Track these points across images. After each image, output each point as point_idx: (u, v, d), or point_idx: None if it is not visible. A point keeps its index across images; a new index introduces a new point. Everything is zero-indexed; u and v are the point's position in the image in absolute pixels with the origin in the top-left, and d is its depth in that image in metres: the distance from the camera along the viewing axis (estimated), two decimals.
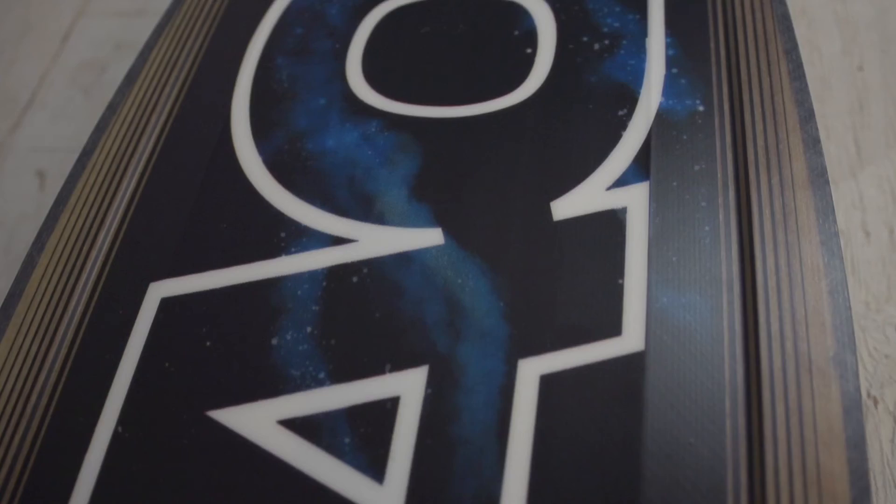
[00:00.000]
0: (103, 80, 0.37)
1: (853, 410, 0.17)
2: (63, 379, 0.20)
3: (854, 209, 0.29)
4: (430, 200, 0.21)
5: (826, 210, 0.20)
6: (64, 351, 0.21)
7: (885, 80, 0.32)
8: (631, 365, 0.18)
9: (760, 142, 0.21)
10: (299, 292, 0.20)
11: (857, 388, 0.17)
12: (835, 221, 0.20)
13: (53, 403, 0.20)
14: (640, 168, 0.21)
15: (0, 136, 0.36)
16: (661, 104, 0.22)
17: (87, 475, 0.19)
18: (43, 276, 0.22)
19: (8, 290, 0.22)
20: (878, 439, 0.24)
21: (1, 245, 0.33)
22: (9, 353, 0.21)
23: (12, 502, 0.19)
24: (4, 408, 0.20)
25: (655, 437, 0.17)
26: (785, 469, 0.17)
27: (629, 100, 0.23)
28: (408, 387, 0.19)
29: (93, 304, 0.21)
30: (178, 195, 0.23)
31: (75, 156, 0.28)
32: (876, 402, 0.25)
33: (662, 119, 0.22)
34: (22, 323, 0.21)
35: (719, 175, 0.21)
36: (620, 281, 0.19)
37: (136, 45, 0.37)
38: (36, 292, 0.22)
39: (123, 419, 0.19)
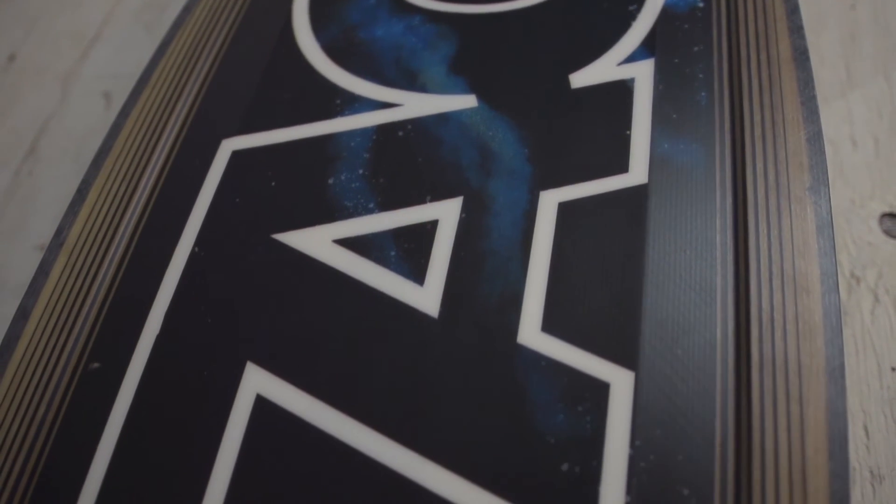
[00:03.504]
0: (164, 18, 0.41)
1: (825, 227, 0.20)
2: (148, 210, 0.23)
3: (843, 123, 0.32)
4: (466, 74, 0.25)
5: (807, 80, 0.23)
6: (144, 198, 0.24)
7: (875, 16, 0.35)
8: (636, 194, 0.21)
9: (752, 27, 0.24)
10: (352, 144, 0.24)
11: (831, 230, 0.20)
12: (813, 88, 0.23)
13: (138, 232, 0.23)
14: (646, 48, 0.25)
15: (69, 65, 0.40)
16: (665, 1, 0.26)
17: (170, 282, 0.22)
18: (121, 149, 0.25)
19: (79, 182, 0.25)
20: (859, 311, 0.27)
21: (70, 154, 0.37)
22: (93, 208, 0.25)
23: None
24: (91, 230, 0.23)
25: (655, 248, 0.20)
26: (766, 281, 0.20)
27: None
28: (445, 212, 0.22)
29: (171, 159, 0.25)
30: (245, 76, 0.26)
31: None
32: (858, 281, 0.28)
33: (667, 12, 0.25)
34: (104, 184, 0.25)
35: (714, 54, 0.24)
36: (628, 132, 0.23)
37: None
38: (114, 164, 0.26)
39: (200, 242, 0.23)
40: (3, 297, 0.32)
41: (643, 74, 0.24)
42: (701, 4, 0.26)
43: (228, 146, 0.24)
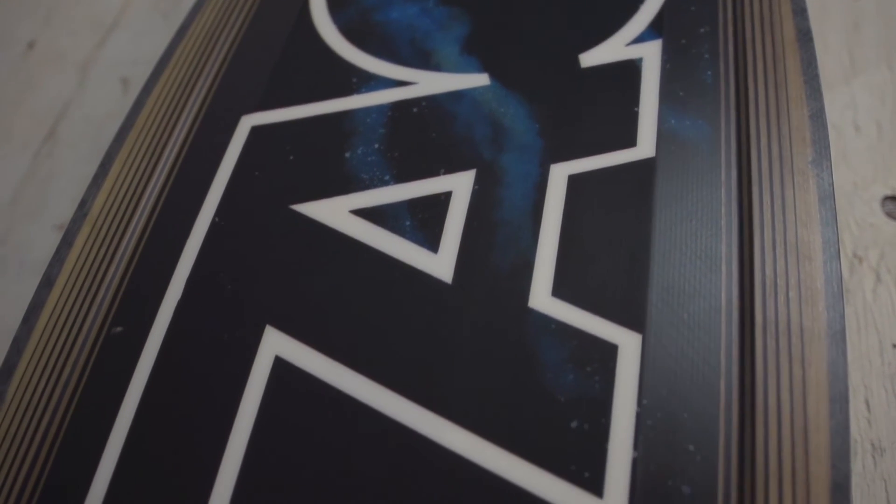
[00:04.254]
0: (181, 6, 0.42)
1: (827, 198, 0.21)
2: (170, 182, 0.24)
3: (847, 109, 0.32)
4: (478, 54, 0.26)
5: (810, 59, 0.24)
6: (166, 171, 0.25)
7: (878, 5, 0.35)
8: (643, 167, 0.22)
9: (756, 9, 0.25)
10: (368, 120, 0.24)
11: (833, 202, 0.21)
12: (816, 67, 0.23)
13: (160, 203, 0.24)
14: (654, 29, 0.25)
15: (87, 51, 0.41)
16: None
17: (191, 250, 0.23)
18: (143, 124, 0.26)
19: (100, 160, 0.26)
20: (861, 289, 0.28)
21: (89, 138, 0.37)
22: (116, 180, 0.25)
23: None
24: (114, 205, 0.24)
25: (662, 218, 0.21)
26: (770, 249, 0.20)
27: None
28: (459, 184, 0.22)
29: (192, 134, 0.25)
30: (263, 57, 0.27)
31: None
32: (861, 261, 0.28)
33: None
34: (127, 158, 0.26)
35: (720, 35, 0.25)
36: (636, 109, 0.23)
37: None
38: (137, 139, 0.26)
39: (220, 212, 0.23)
40: (22, 275, 0.33)
41: (651, 54, 0.24)
42: None
43: (248, 122, 0.25)
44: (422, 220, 0.22)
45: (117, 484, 0.19)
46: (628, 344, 0.19)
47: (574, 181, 0.22)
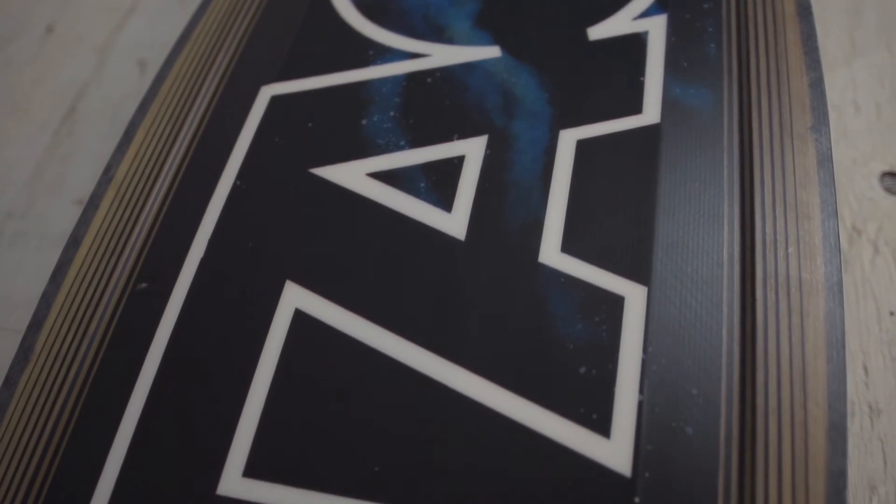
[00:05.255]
0: None
1: (825, 161, 0.22)
2: (193, 147, 0.25)
3: (847, 89, 0.33)
4: (490, 28, 0.27)
5: (810, 32, 0.24)
6: (189, 138, 0.26)
7: None
8: (649, 133, 0.23)
9: None
10: (384, 89, 0.25)
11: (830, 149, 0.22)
12: (815, 40, 0.24)
13: (183, 167, 0.25)
14: (659, 5, 0.26)
15: (105, 35, 0.42)
16: None
17: (213, 211, 0.24)
18: (166, 95, 0.27)
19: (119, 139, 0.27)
20: (860, 260, 0.29)
21: (107, 116, 0.38)
22: (140, 146, 0.26)
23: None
24: (137, 170, 0.25)
25: (667, 180, 0.22)
26: (770, 208, 0.21)
27: None
28: (471, 148, 0.23)
29: (213, 104, 0.26)
30: (281, 32, 0.28)
31: None
32: (859, 233, 0.29)
33: None
34: (150, 126, 0.27)
35: (723, 9, 0.26)
36: (642, 79, 0.24)
37: None
38: (160, 108, 0.27)
39: (241, 175, 0.24)
40: (43, 248, 0.34)
41: (656, 28, 0.25)
42: None
43: (268, 92, 0.26)
44: (436, 182, 0.23)
45: (142, 430, 0.20)
46: (634, 296, 0.20)
47: (582, 146, 0.23)
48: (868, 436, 0.25)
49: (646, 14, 0.26)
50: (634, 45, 0.25)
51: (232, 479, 0.19)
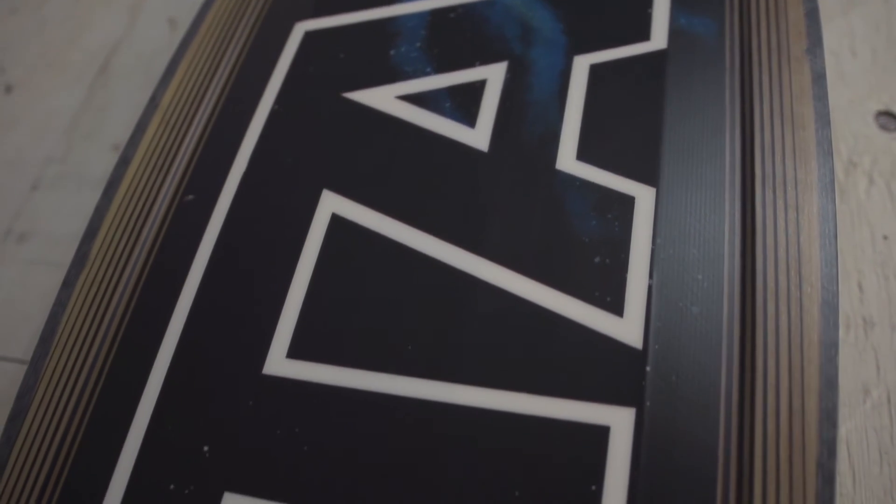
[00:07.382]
0: None
1: (820, 79, 0.23)
2: (233, 77, 0.27)
3: (844, 37, 0.35)
4: None
5: None
6: (229, 68, 0.28)
7: None
8: (657, 57, 0.25)
9: None
10: (410, 24, 0.27)
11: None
12: None
13: (224, 93, 0.27)
14: None
15: None
16: None
17: (254, 130, 0.25)
18: (205, 32, 0.29)
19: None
20: (856, 190, 0.30)
21: (140, 70, 0.40)
22: (182, 77, 0.28)
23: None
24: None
25: (673, 97, 0.24)
26: (768, 119, 0.23)
27: None
28: (492, 73, 0.25)
29: (250, 38, 0.28)
30: None
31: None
32: (855, 166, 0.31)
33: None
34: (192, 58, 0.29)
35: None
36: (649, 10, 0.26)
37: None
38: (200, 43, 0.29)
39: (279, 100, 0.26)
40: (83, 190, 0.36)
41: None
42: None
43: (301, 27, 0.28)
44: (460, 102, 0.25)
45: (192, 319, 0.22)
46: (644, 196, 0.22)
47: (595, 69, 0.25)
48: (863, 345, 0.27)
49: None
50: None
51: (276, 360, 0.21)
